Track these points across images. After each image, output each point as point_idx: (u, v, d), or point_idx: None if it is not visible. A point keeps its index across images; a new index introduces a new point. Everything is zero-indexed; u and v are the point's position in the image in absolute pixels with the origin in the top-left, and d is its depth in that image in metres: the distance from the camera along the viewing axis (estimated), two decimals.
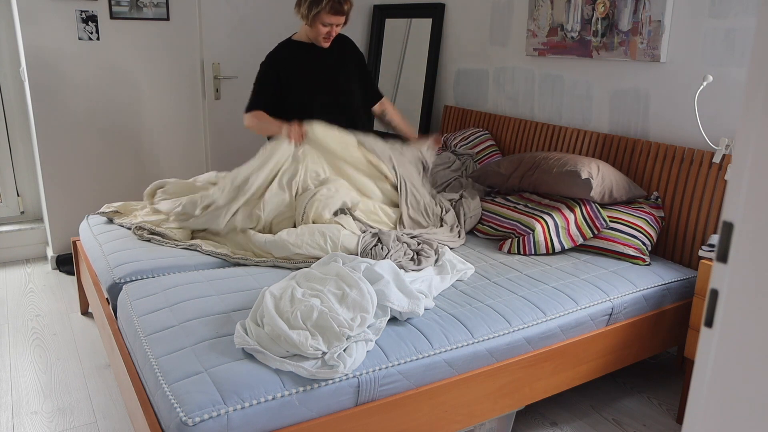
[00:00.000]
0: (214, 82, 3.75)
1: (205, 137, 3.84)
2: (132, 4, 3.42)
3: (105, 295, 2.27)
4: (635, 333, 2.27)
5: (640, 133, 2.79)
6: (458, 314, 1.98)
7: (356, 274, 1.94)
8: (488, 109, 3.62)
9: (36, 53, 3.25)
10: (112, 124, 3.55)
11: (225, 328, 1.82)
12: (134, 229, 2.54)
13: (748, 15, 2.33)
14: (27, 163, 3.79)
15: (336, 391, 1.64)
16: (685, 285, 2.41)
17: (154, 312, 1.94)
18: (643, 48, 2.66)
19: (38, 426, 2.15)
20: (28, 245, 3.71)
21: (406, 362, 1.76)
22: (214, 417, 1.48)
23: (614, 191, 2.54)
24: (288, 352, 1.66)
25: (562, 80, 3.13)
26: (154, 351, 1.74)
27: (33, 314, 2.94)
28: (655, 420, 2.29)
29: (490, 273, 2.33)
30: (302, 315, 1.73)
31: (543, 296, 2.14)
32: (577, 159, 2.61)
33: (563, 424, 2.25)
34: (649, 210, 2.56)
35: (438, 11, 3.84)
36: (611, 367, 2.26)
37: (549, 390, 2.10)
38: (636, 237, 2.46)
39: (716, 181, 2.44)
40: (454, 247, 2.55)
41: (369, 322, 1.78)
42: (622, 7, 2.72)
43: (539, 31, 3.16)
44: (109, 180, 3.60)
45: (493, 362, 1.92)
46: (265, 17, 3.83)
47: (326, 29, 2.66)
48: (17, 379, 2.42)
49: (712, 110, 2.48)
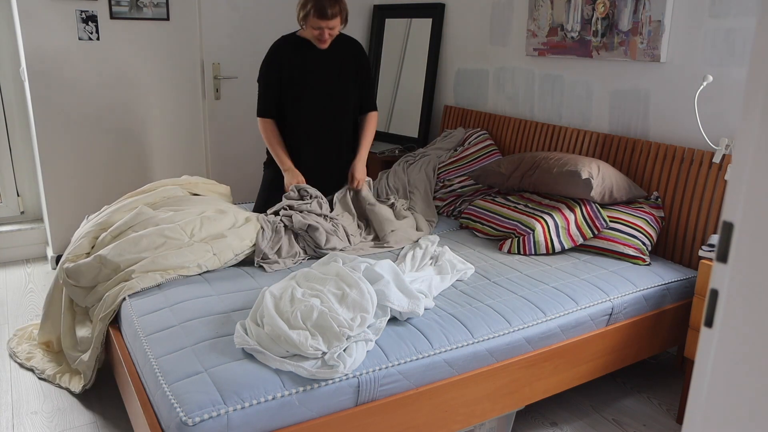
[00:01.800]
0: (214, 82, 3.75)
1: (205, 137, 3.83)
2: (132, 4, 3.42)
3: None
4: (635, 333, 2.27)
5: (640, 133, 2.79)
6: (458, 314, 1.98)
7: (356, 274, 1.94)
8: (488, 109, 3.62)
9: (36, 53, 3.25)
10: (112, 124, 3.55)
11: (225, 328, 1.82)
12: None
13: (748, 15, 2.33)
14: (27, 163, 3.79)
15: (336, 391, 1.64)
16: (685, 285, 2.41)
17: (154, 312, 1.94)
18: (643, 48, 2.66)
19: (38, 426, 2.15)
20: (28, 245, 3.71)
21: (406, 362, 1.76)
22: (214, 417, 1.48)
23: (614, 191, 2.54)
24: (288, 352, 1.66)
25: (562, 80, 3.12)
26: (154, 351, 1.74)
27: (33, 314, 2.94)
28: (655, 420, 2.29)
29: (490, 273, 2.33)
30: (302, 315, 1.73)
31: (543, 296, 2.14)
32: (577, 159, 2.61)
33: (563, 424, 2.25)
34: (649, 210, 2.56)
35: (438, 11, 3.84)
36: (611, 367, 2.26)
37: (549, 390, 2.10)
38: (636, 237, 2.46)
39: (716, 181, 2.44)
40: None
41: (369, 322, 1.78)
42: (622, 7, 2.72)
43: (539, 31, 3.16)
44: (109, 180, 3.60)
45: (493, 362, 1.92)
46: (265, 17, 3.83)
47: (317, 32, 2.68)
48: (17, 379, 2.42)
49: (712, 110, 2.48)
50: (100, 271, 2.21)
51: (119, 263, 2.18)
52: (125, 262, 2.18)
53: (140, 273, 2.13)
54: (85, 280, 2.23)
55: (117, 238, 2.31)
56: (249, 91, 3.87)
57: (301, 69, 2.77)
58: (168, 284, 2.12)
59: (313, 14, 2.61)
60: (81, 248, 2.36)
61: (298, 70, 2.77)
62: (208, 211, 2.45)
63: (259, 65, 2.83)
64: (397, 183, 3.21)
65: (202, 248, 2.26)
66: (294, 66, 2.77)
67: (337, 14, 2.63)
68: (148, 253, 2.19)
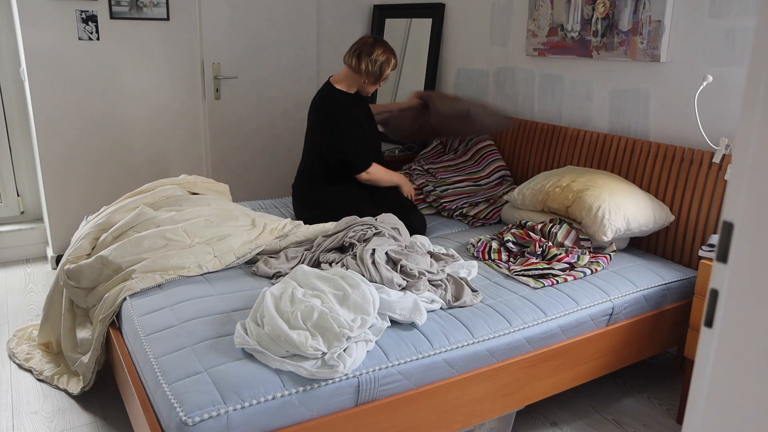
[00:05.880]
0: (214, 82, 3.75)
1: (205, 137, 3.83)
2: (132, 4, 3.42)
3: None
4: (635, 333, 2.27)
5: (640, 133, 2.79)
6: (458, 314, 1.98)
7: (358, 276, 1.94)
8: None
9: (36, 53, 3.25)
10: (112, 124, 3.55)
11: (225, 328, 1.82)
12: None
13: (748, 15, 2.32)
14: (27, 163, 3.79)
15: (336, 391, 1.64)
16: (685, 285, 2.41)
17: (155, 312, 1.94)
18: (643, 48, 2.66)
19: (38, 426, 2.15)
20: (28, 245, 3.71)
21: (406, 362, 1.76)
22: (214, 417, 1.48)
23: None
24: (288, 352, 1.66)
25: (562, 80, 3.12)
26: (154, 350, 1.74)
27: (33, 314, 2.94)
28: (655, 420, 2.29)
29: (491, 273, 2.33)
30: (302, 315, 1.73)
31: (543, 296, 2.14)
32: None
33: (563, 424, 2.25)
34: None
35: (438, 11, 3.84)
36: (611, 367, 2.26)
37: (549, 390, 2.10)
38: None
39: (716, 181, 2.44)
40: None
41: (369, 323, 1.78)
42: (622, 7, 2.72)
43: (539, 31, 3.16)
44: (109, 180, 3.60)
45: (493, 362, 1.92)
46: (265, 17, 3.83)
47: (382, 84, 2.86)
48: (17, 379, 2.42)
49: (712, 110, 2.48)
50: (101, 272, 2.21)
51: (120, 264, 2.18)
52: (126, 263, 2.18)
53: (140, 273, 2.13)
54: (86, 281, 2.23)
55: (118, 239, 2.31)
56: (249, 91, 3.87)
57: (368, 125, 2.89)
58: (168, 284, 2.12)
59: (393, 68, 2.80)
60: (81, 249, 2.36)
61: (367, 126, 2.88)
62: (213, 214, 2.44)
63: (338, 110, 2.79)
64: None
65: (203, 250, 2.26)
66: (362, 121, 2.85)
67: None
68: (149, 254, 2.19)
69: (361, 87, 2.84)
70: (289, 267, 2.24)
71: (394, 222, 2.42)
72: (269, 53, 3.87)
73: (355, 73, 2.77)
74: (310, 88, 4.04)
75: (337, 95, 2.80)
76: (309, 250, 2.34)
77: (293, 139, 4.10)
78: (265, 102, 3.95)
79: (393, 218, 2.45)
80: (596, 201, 2.46)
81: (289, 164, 4.10)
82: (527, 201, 2.75)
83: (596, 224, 2.42)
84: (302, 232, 2.45)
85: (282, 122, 4.05)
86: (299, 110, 4.05)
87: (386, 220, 2.42)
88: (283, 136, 4.07)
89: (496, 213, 3.00)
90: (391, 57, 2.78)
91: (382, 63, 2.74)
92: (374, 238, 2.23)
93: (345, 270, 2.00)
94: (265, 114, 3.97)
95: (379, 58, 2.73)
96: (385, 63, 2.75)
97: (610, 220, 2.41)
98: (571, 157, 3.02)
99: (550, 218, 2.64)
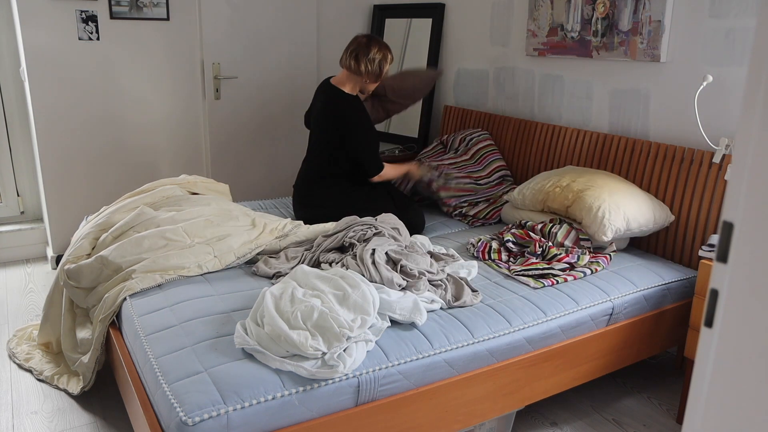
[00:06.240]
0: (214, 82, 3.75)
1: (205, 137, 3.83)
2: (132, 4, 3.42)
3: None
4: (635, 333, 2.27)
5: (640, 133, 2.79)
6: (458, 314, 1.98)
7: (358, 276, 1.94)
8: (488, 109, 3.62)
9: (36, 53, 3.25)
10: (112, 124, 3.54)
11: (225, 328, 1.82)
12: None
13: (748, 15, 2.32)
14: (27, 163, 3.79)
15: (336, 391, 1.64)
16: (685, 285, 2.41)
17: (155, 311, 1.94)
18: (643, 48, 2.66)
19: (38, 426, 2.15)
20: (28, 245, 3.71)
21: (406, 362, 1.76)
22: (214, 417, 1.48)
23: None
24: (288, 352, 1.66)
25: (562, 80, 3.12)
26: (154, 350, 1.74)
27: (33, 314, 2.94)
28: (655, 420, 2.29)
29: (491, 273, 2.33)
30: (302, 315, 1.73)
31: (543, 296, 2.14)
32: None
33: (563, 424, 2.25)
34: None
35: (438, 11, 3.84)
36: (611, 367, 2.26)
37: (549, 390, 2.10)
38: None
39: (716, 181, 2.44)
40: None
41: (369, 323, 1.78)
42: (622, 7, 2.72)
43: (539, 31, 3.16)
44: (109, 180, 3.60)
45: (493, 362, 1.92)
46: (265, 17, 3.83)
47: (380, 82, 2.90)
48: (17, 379, 2.42)
49: (712, 110, 2.48)
50: (101, 272, 2.21)
51: (120, 264, 2.18)
52: (126, 263, 2.18)
53: (140, 273, 2.13)
54: (86, 281, 2.23)
55: (118, 239, 2.31)
56: (249, 91, 3.87)
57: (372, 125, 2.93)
58: (168, 284, 2.12)
59: (390, 63, 2.82)
60: (81, 249, 2.36)
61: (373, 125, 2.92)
62: (213, 214, 2.44)
63: (355, 111, 2.80)
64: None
65: (203, 250, 2.26)
66: (372, 123, 2.89)
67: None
68: (149, 254, 2.19)
69: (363, 87, 2.85)
70: (289, 267, 2.24)
71: (394, 222, 2.42)
72: (269, 53, 3.87)
73: (355, 75, 2.77)
74: (309, 88, 4.04)
75: (350, 100, 2.80)
76: (309, 250, 2.34)
77: (293, 139, 4.10)
78: (265, 102, 3.95)
79: (393, 218, 2.46)
80: (596, 201, 2.46)
81: (289, 164, 4.10)
82: (527, 201, 2.75)
83: (596, 224, 2.42)
84: (302, 232, 2.45)
85: (282, 122, 4.05)
86: (299, 110, 4.05)
87: (386, 220, 2.42)
88: (283, 136, 4.07)
89: (496, 213, 3.00)
90: (387, 53, 2.79)
91: (380, 60, 2.75)
92: (374, 238, 2.23)
93: (345, 270, 2.00)
94: (265, 114, 3.97)
95: (377, 57, 2.74)
96: (383, 60, 2.77)
97: (610, 220, 2.41)
98: (571, 157, 3.02)
99: (550, 218, 2.64)
